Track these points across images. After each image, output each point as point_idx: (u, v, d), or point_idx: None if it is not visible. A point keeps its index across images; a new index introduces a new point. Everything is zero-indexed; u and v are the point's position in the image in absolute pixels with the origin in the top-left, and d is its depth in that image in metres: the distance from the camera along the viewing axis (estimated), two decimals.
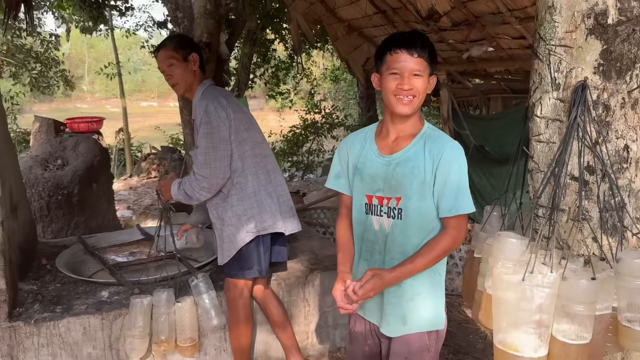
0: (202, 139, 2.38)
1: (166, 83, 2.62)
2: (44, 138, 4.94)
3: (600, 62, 1.58)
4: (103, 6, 8.24)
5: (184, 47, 2.52)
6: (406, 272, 1.75)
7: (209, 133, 2.37)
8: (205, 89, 2.49)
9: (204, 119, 2.37)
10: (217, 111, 2.39)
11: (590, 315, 1.49)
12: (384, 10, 4.97)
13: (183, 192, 2.46)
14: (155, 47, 2.64)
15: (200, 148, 2.40)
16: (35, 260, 3.06)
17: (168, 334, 2.46)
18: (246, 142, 2.48)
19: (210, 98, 2.43)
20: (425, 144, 1.76)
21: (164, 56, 2.51)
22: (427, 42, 1.74)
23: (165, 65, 2.50)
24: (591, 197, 1.64)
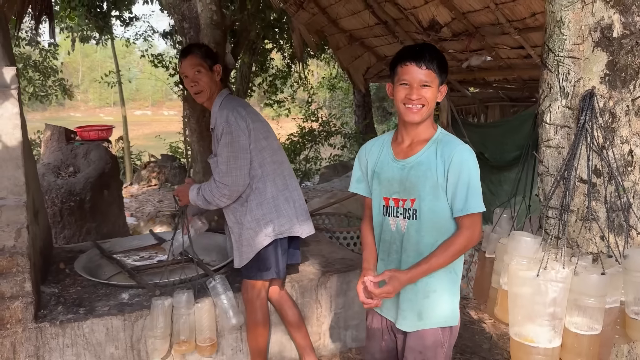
0: (224, 149, 2.48)
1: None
2: (55, 146, 5.02)
3: (606, 72, 1.69)
4: (108, 16, 8.35)
5: (211, 57, 2.59)
6: (422, 272, 1.86)
7: (230, 143, 2.47)
8: (224, 99, 2.58)
9: (226, 129, 2.47)
10: (237, 121, 2.48)
11: (601, 308, 1.59)
12: (385, 21, 5.09)
13: (202, 198, 2.55)
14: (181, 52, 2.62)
15: (222, 157, 2.49)
16: (52, 265, 3.14)
17: (188, 334, 2.54)
18: (265, 150, 2.58)
19: (230, 108, 2.52)
20: (437, 147, 1.88)
21: (192, 62, 2.53)
22: (436, 54, 1.85)
23: (193, 71, 2.53)
24: (599, 198, 1.75)
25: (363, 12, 5.06)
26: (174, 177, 9.80)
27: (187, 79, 2.57)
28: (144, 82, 36.87)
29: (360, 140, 12.22)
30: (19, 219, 2.41)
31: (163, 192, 9.25)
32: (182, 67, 2.57)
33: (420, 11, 4.50)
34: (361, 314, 3.12)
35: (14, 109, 2.47)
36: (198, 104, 4.96)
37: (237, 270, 3.02)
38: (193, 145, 5.17)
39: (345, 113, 17.98)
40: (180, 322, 2.52)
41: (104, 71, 12.22)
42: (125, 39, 11.99)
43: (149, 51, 11.66)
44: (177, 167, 10.09)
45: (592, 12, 1.68)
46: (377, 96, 18.62)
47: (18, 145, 2.47)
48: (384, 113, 20.15)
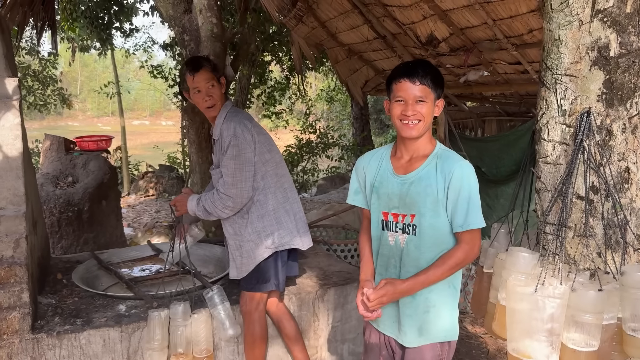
0: (230, 161, 2.49)
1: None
2: (54, 156, 5.03)
3: (603, 90, 1.72)
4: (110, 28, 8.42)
5: (218, 70, 2.62)
6: (419, 283, 1.86)
7: (237, 155, 2.48)
8: (228, 111, 2.60)
9: (233, 142, 2.48)
10: (243, 134, 2.50)
11: (598, 324, 1.60)
12: (384, 35, 5.14)
13: (203, 208, 2.55)
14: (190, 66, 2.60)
15: (228, 169, 2.50)
16: (50, 275, 3.13)
17: (185, 346, 2.53)
18: (268, 163, 2.59)
19: (236, 121, 2.54)
20: (437, 163, 1.89)
21: (206, 77, 2.54)
22: (430, 69, 1.88)
23: (207, 85, 2.54)
24: (596, 215, 1.77)
25: (362, 26, 5.11)
26: (171, 188, 9.80)
27: (200, 94, 2.56)
28: (142, 92, 36.99)
29: (357, 153, 12.27)
30: (17, 229, 2.41)
31: (160, 202, 9.24)
32: (194, 82, 2.55)
33: (419, 26, 4.55)
34: (358, 327, 3.11)
35: (16, 119, 2.48)
36: (197, 115, 5.00)
37: (234, 282, 3.03)
38: (192, 156, 5.19)
39: (342, 125, 18.06)
40: (177, 333, 2.51)
41: (102, 81, 12.29)
42: (125, 49, 12.06)
43: (148, 62, 11.72)
44: (175, 178, 10.10)
45: (589, 32, 1.72)
46: (374, 109, 18.71)
47: (19, 155, 2.47)
48: (382, 125, 20.24)
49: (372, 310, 1.91)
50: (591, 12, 1.70)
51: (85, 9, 8.00)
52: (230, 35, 5.15)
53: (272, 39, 9.22)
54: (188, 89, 2.62)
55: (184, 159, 12.34)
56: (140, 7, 8.83)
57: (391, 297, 1.86)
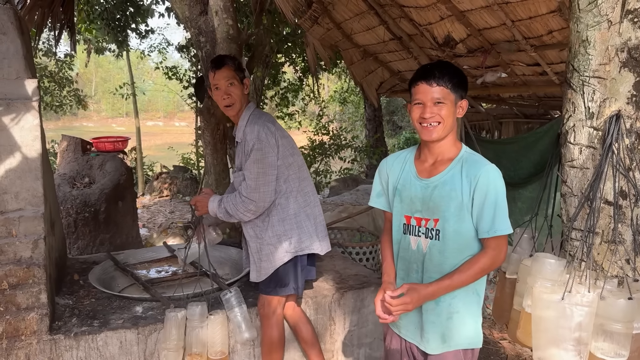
0: (254, 165, 2.47)
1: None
2: (71, 156, 5.06)
3: (633, 93, 1.68)
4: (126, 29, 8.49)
5: (242, 70, 2.58)
6: (443, 288, 1.81)
7: (260, 159, 2.46)
8: (251, 113, 2.57)
9: (257, 145, 2.46)
10: (267, 138, 2.48)
11: (628, 333, 1.56)
12: (400, 36, 5.11)
13: (224, 210, 2.53)
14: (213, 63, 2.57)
15: (251, 173, 2.47)
16: (67, 276, 3.14)
17: (201, 347, 2.51)
18: (291, 167, 2.58)
19: (260, 124, 2.51)
20: (463, 167, 1.84)
21: (226, 74, 2.51)
22: (448, 70, 1.84)
23: (226, 83, 2.52)
24: (624, 220, 1.72)
25: (377, 27, 5.08)
26: (185, 189, 9.84)
27: (219, 91, 2.54)
28: (156, 94, 37.27)
29: (370, 154, 12.22)
30: (36, 230, 2.42)
31: (174, 203, 9.28)
32: (214, 79, 2.53)
33: (436, 27, 4.51)
34: (375, 332, 3.08)
35: (35, 120, 2.49)
36: (212, 117, 5.00)
37: (251, 284, 3.01)
38: (207, 158, 5.19)
39: (355, 126, 18.02)
40: (193, 334, 2.49)
41: (117, 82, 12.39)
42: (140, 50, 12.14)
43: (163, 63, 11.79)
44: (189, 179, 10.14)
45: (619, 33, 1.67)
46: (387, 110, 18.65)
47: (37, 156, 2.48)
48: (394, 127, 20.17)
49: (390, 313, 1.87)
50: (621, 13, 1.66)
51: (102, 10, 8.07)
52: (246, 37, 5.15)
53: (286, 41, 9.23)
54: (209, 86, 2.60)
55: (198, 160, 12.40)
56: (156, 8, 8.89)
57: (416, 304, 1.82)
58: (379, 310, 1.90)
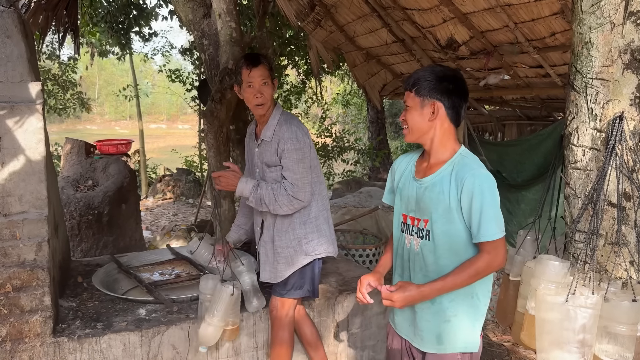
0: (298, 165, 2.48)
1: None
2: (75, 159, 5.07)
3: (636, 94, 1.67)
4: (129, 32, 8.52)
5: (273, 70, 2.59)
6: (435, 289, 1.81)
7: (302, 159, 2.49)
8: (282, 113, 2.59)
9: (296, 145, 2.48)
10: (304, 138, 2.52)
11: (632, 335, 1.55)
12: (403, 39, 5.11)
13: (258, 198, 2.48)
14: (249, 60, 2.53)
15: (296, 173, 2.48)
16: (70, 278, 3.14)
17: None
18: (315, 169, 2.61)
19: (295, 124, 2.54)
20: (453, 170, 1.85)
21: (262, 73, 2.50)
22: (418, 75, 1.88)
23: (261, 82, 2.50)
24: (628, 222, 1.72)
25: (380, 30, 5.08)
26: (188, 191, 9.85)
27: (252, 89, 2.52)
28: (159, 96, 37.35)
29: (373, 157, 12.22)
30: (40, 232, 2.43)
31: (178, 205, 9.29)
32: (249, 76, 2.51)
33: (438, 29, 4.51)
34: (378, 334, 3.08)
35: (39, 123, 2.50)
36: (216, 120, 4.99)
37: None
38: (210, 160, 5.17)
39: (358, 129, 18.02)
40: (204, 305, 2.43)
41: (120, 85, 12.41)
42: (143, 53, 12.17)
43: (166, 66, 11.81)
44: (192, 181, 10.15)
45: (621, 34, 1.67)
46: (390, 112, 18.63)
47: (41, 159, 2.49)
48: (397, 129, 20.14)
49: None
50: (624, 14, 1.66)
51: (105, 13, 8.10)
52: (249, 40, 5.15)
53: (289, 43, 9.24)
54: (240, 83, 2.57)
55: (201, 163, 12.41)
56: (160, 11, 8.91)
57: (402, 303, 1.81)
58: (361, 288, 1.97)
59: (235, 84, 2.61)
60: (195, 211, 7.84)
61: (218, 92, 4.73)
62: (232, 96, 4.83)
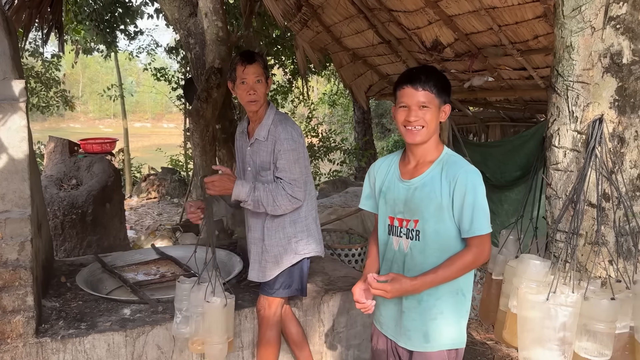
0: (295, 165, 2.50)
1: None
2: (58, 158, 5.01)
3: (615, 97, 1.71)
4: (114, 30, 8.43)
5: (268, 69, 2.60)
6: (427, 282, 1.83)
7: (298, 159, 2.51)
8: (276, 113, 2.60)
9: (293, 146, 2.49)
10: (300, 139, 2.54)
11: (611, 333, 1.59)
12: (389, 40, 5.14)
13: (256, 199, 2.46)
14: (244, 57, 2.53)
15: (293, 173, 2.50)
16: (53, 278, 3.11)
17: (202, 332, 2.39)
18: (307, 168, 2.62)
19: (291, 124, 2.55)
20: (443, 169, 1.89)
21: (256, 71, 2.50)
22: (433, 75, 1.88)
23: (254, 79, 2.50)
24: (607, 222, 1.76)
25: (367, 31, 5.11)
26: (173, 190, 9.79)
27: (245, 86, 2.51)
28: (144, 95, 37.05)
29: (359, 157, 12.25)
30: (22, 232, 2.40)
31: (163, 205, 9.23)
32: (243, 73, 2.50)
33: (424, 31, 4.55)
34: (363, 333, 3.10)
35: (22, 121, 2.48)
36: (202, 119, 4.99)
37: (240, 286, 3.02)
38: (195, 159, 5.17)
39: (345, 129, 18.05)
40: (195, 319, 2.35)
41: (105, 83, 12.30)
42: (128, 52, 12.05)
43: (152, 64, 11.72)
44: (177, 181, 10.09)
45: (601, 39, 1.71)
46: (376, 113, 18.70)
47: (24, 158, 2.47)
48: (383, 129, 20.24)
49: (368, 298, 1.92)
50: (604, 19, 1.70)
51: (91, 11, 8.01)
52: (235, 39, 5.15)
53: (276, 43, 9.23)
54: (234, 79, 2.56)
55: (187, 162, 12.34)
56: (145, 10, 8.84)
57: (395, 293, 1.82)
58: (356, 296, 1.95)
59: (229, 80, 2.61)
60: (180, 211, 7.80)
61: (204, 91, 4.73)
62: (218, 95, 4.84)
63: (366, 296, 1.95)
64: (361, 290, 1.95)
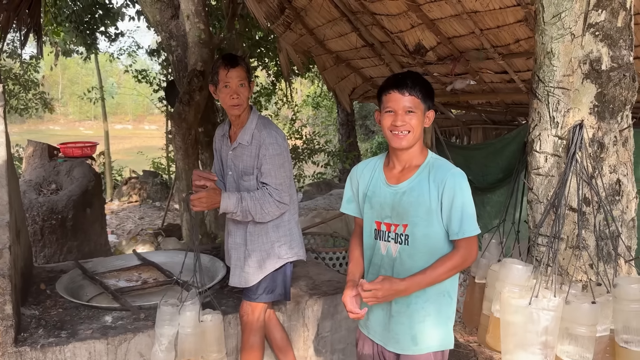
0: (280, 169, 2.49)
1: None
2: (37, 162, 4.92)
3: (595, 103, 1.74)
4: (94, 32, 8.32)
5: (251, 72, 2.59)
6: (415, 283, 1.84)
7: (283, 164, 2.50)
8: (259, 117, 2.58)
9: (277, 150, 2.48)
10: (284, 143, 2.54)
11: (592, 336, 1.61)
12: (372, 43, 5.16)
13: (245, 210, 2.45)
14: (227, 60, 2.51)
15: (278, 178, 2.49)
16: (33, 285, 3.06)
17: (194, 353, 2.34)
18: (292, 172, 2.62)
19: (274, 128, 2.55)
20: (430, 172, 1.90)
21: (239, 74, 2.47)
22: (419, 80, 1.90)
23: (238, 83, 2.47)
24: (588, 226, 1.78)
25: (350, 34, 5.11)
26: (155, 194, 9.69)
27: (228, 89, 2.48)
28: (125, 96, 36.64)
29: (343, 159, 12.28)
30: (0, 239, 2.35)
31: (144, 208, 9.13)
32: (226, 76, 2.47)
33: (407, 35, 4.57)
34: (348, 337, 3.09)
35: (0, 126, 2.43)
36: (184, 122, 4.95)
37: (223, 292, 2.99)
38: (178, 163, 5.13)
39: (328, 131, 18.08)
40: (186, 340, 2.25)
41: (85, 85, 12.14)
42: (109, 53, 11.91)
43: (132, 66, 11.60)
44: (159, 184, 9.99)
45: (581, 45, 1.73)
46: (360, 115, 18.77)
47: (2, 164, 2.41)
48: (367, 131, 20.32)
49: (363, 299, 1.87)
50: (583, 26, 1.72)
51: (70, 13, 7.89)
52: (218, 41, 5.12)
53: (259, 45, 9.21)
54: (216, 83, 2.53)
55: (169, 165, 12.23)
56: (126, 11, 8.75)
57: (386, 295, 1.81)
58: (349, 306, 1.92)
59: (211, 84, 2.59)
60: (162, 214, 7.72)
61: (186, 94, 4.70)
62: (201, 98, 4.81)
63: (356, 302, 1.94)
64: (352, 298, 1.93)
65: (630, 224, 1.82)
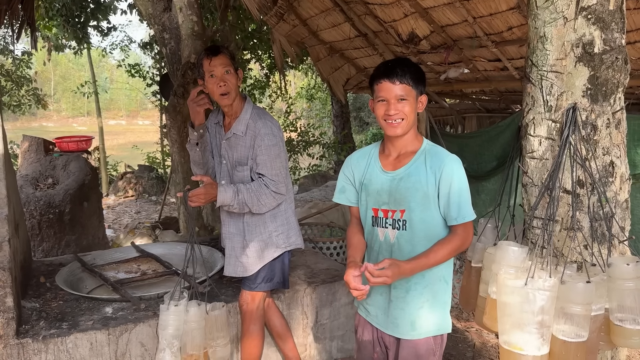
0: (276, 160, 2.50)
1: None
2: (33, 157, 4.91)
3: (588, 86, 1.76)
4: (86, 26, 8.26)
5: (235, 60, 2.57)
6: (420, 265, 1.86)
7: (279, 154, 2.52)
8: (254, 107, 2.59)
9: (273, 141, 2.49)
10: (279, 132, 2.54)
11: (587, 315, 1.64)
12: (365, 33, 5.15)
13: (242, 202, 2.46)
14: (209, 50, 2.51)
15: (274, 168, 2.50)
16: (32, 279, 3.07)
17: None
18: (287, 162, 2.63)
19: (269, 119, 2.55)
20: (426, 159, 1.92)
21: (223, 62, 2.46)
22: (409, 68, 1.91)
23: (223, 70, 2.46)
24: (582, 208, 1.81)
25: (343, 24, 5.11)
26: (151, 188, 9.68)
27: (215, 79, 2.48)
28: (118, 91, 36.43)
29: (338, 150, 12.29)
30: (0, 232, 2.36)
31: (140, 203, 9.13)
32: (210, 65, 2.47)
33: (400, 24, 4.57)
34: (347, 324, 3.13)
35: None
36: (179, 115, 4.95)
37: (222, 282, 3.02)
38: (174, 156, 5.13)
39: (323, 123, 18.08)
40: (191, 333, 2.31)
41: (77, 80, 12.07)
42: (101, 48, 11.83)
43: (125, 61, 11.54)
44: (155, 178, 9.98)
45: (574, 29, 1.75)
46: (354, 106, 18.77)
47: (0, 157, 2.42)
48: (361, 123, 20.32)
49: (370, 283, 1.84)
50: (575, 10, 1.74)
51: (61, 7, 7.82)
52: (211, 33, 5.11)
53: (252, 37, 9.18)
54: (202, 75, 2.53)
55: (164, 159, 12.21)
56: (118, 5, 8.69)
57: (394, 278, 1.81)
58: (353, 284, 1.86)
59: (199, 78, 2.58)
60: (158, 208, 7.73)
61: (180, 87, 4.70)
62: None
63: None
64: (354, 277, 1.91)
65: (623, 205, 1.84)
